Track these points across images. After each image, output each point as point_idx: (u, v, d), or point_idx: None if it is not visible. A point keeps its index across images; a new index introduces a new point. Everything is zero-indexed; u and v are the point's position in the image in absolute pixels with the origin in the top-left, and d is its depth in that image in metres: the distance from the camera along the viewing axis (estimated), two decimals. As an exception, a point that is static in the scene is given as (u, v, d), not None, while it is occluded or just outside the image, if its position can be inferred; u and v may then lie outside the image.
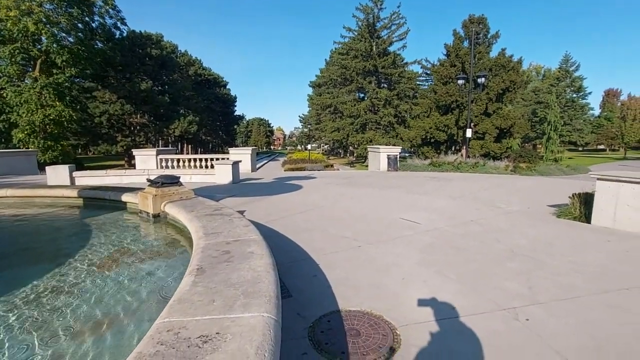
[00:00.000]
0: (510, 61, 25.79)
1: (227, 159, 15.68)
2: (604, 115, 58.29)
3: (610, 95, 62.39)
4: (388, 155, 17.53)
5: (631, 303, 3.11)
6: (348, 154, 46.38)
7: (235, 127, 70.90)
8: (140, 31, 38.76)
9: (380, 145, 22.01)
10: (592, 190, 6.18)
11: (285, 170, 20.96)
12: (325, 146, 66.01)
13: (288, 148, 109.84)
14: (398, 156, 17.89)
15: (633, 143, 55.52)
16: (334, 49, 40.95)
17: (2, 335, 2.27)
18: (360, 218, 6.51)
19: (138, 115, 36.96)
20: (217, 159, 14.70)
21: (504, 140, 26.12)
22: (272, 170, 20.83)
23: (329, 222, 6.21)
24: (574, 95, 53.35)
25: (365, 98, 33.57)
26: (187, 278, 2.09)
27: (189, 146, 55.23)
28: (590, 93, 55.47)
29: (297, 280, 3.65)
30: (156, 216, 5.15)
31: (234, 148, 20.06)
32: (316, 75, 49.73)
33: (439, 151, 26.82)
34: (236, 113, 67.64)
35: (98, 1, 30.12)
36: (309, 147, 41.30)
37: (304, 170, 20.60)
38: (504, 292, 3.35)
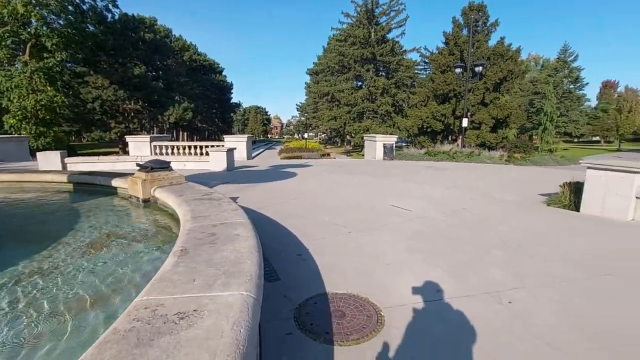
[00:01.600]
0: (509, 50, 25.54)
1: (222, 146, 15.58)
2: (601, 106, 58.21)
3: (608, 87, 62.29)
4: (384, 144, 17.49)
5: (615, 290, 3.17)
6: (345, 143, 46.21)
7: (231, 114, 69.98)
8: (132, 14, 37.78)
9: (377, 134, 21.90)
10: (582, 180, 6.22)
11: (281, 159, 20.86)
12: (323, 135, 65.65)
13: (285, 137, 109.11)
14: (394, 145, 17.86)
15: (627, 135, 55.77)
16: (331, 36, 40.43)
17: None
18: (352, 206, 6.53)
19: (132, 102, 36.36)
20: (212, 147, 14.62)
21: (500, 130, 26.11)
22: (268, 159, 20.73)
23: (322, 209, 6.22)
24: (571, 86, 53.28)
25: (363, 86, 33.27)
26: (170, 259, 2.09)
27: (184, 134, 54.68)
28: (587, 84, 55.65)
29: (286, 264, 3.67)
30: (146, 201, 5.13)
31: (229, 135, 19.89)
32: (314, 63, 49.09)
33: (435, 140, 26.74)
34: (233, 101, 66.74)
35: (89, -18, 29.25)
36: (305, 135, 41.02)
37: (301, 158, 20.50)
38: (489, 278, 3.40)
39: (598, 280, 3.33)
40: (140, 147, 16.15)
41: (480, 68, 19.51)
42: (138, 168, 5.35)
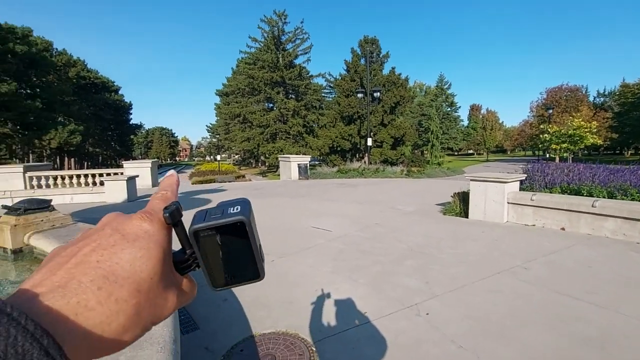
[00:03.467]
0: (399, 78, 29.31)
1: (121, 173, 13.82)
2: (471, 125, 70.97)
3: (474, 109, 76.22)
4: (299, 164, 17.86)
5: (502, 285, 3.74)
6: (260, 164, 45.76)
7: (132, 137, 62.77)
8: (-4, 22, 31.33)
9: (290, 154, 22.30)
10: (467, 189, 7.34)
11: (193, 184, 19.46)
12: (236, 156, 63.86)
13: (196, 159, 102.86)
14: (308, 165, 18.39)
15: (492, 148, 69.22)
16: (240, 58, 40.24)
17: None
18: (272, 230, 6.39)
19: (-4, 124, 29.65)
20: (109, 175, 12.83)
21: (398, 147, 29.39)
22: (176, 185, 19.06)
23: (241, 238, 5.92)
24: (449, 109, 63.77)
25: (274, 108, 33.75)
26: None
27: (72, 160, 46.67)
28: (460, 107, 67.28)
29: (204, 308, 3.33)
30: (18, 252, 4.12)
31: (129, 161, 17.65)
32: (223, 84, 48.08)
33: (345, 159, 28.57)
34: (132, 121, 60.07)
35: None
36: (218, 157, 39.30)
37: (214, 182, 19.46)
38: (406, 289, 3.67)
39: (488, 280, 3.90)
40: (8, 179, 13.11)
41: (378, 93, 21.84)
42: (5, 211, 4.29)
